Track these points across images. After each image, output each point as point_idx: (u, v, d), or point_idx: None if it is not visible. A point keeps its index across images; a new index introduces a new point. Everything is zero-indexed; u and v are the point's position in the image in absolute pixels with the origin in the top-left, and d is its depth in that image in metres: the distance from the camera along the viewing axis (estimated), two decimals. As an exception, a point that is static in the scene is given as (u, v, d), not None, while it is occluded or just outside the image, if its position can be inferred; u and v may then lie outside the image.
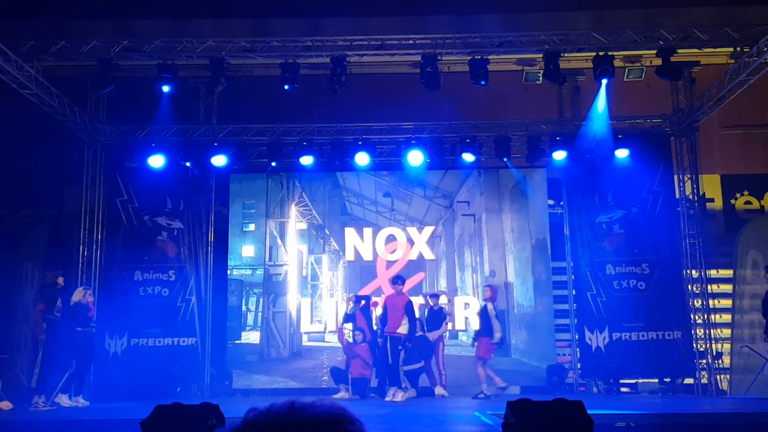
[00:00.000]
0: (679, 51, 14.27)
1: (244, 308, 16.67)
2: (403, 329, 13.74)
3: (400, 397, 13.40)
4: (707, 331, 15.52)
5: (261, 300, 16.62)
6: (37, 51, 14.02)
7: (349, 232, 16.89)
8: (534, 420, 5.12)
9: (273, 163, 16.31)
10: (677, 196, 16.17)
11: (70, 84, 15.52)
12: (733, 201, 17.46)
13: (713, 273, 16.11)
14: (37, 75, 13.94)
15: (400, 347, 13.67)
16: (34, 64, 13.96)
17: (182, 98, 15.92)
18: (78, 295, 13.07)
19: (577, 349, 15.94)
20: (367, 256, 16.75)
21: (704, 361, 15.42)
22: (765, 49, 13.21)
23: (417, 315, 14.65)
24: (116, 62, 14.30)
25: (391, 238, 16.80)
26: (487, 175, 16.91)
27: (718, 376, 15.33)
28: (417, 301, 15.68)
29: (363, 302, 15.04)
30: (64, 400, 12.74)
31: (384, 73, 16.75)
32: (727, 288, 15.89)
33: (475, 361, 14.56)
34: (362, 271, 16.77)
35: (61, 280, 13.36)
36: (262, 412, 1.39)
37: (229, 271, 16.62)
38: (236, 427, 1.38)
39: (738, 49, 14.46)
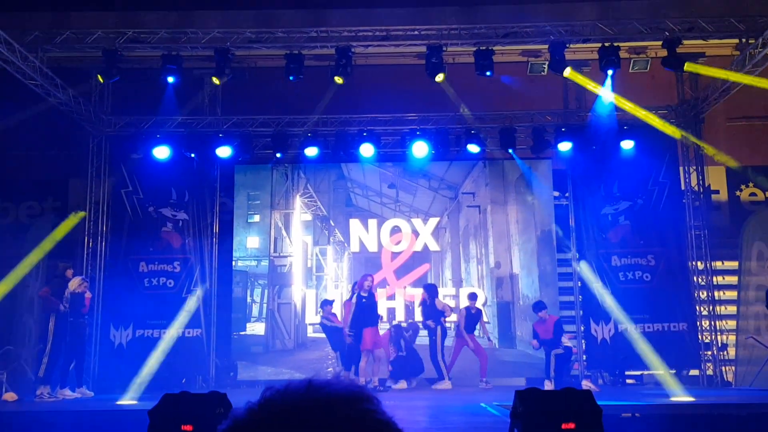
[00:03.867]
0: (685, 42, 14.24)
1: (249, 299, 16.67)
2: None
3: None
4: (712, 323, 15.52)
5: (266, 291, 16.62)
6: (41, 41, 14.01)
7: (354, 224, 16.88)
8: (542, 409, 5.12)
9: (278, 155, 16.27)
10: (683, 188, 16.14)
11: (74, 75, 15.52)
12: (738, 193, 17.43)
13: (718, 265, 16.11)
14: (42, 65, 13.94)
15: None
16: (39, 55, 13.95)
17: (187, 89, 15.90)
18: (74, 285, 13.08)
19: (583, 341, 15.94)
20: (372, 247, 16.74)
21: (709, 352, 15.42)
22: (771, 40, 13.18)
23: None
24: (121, 53, 14.28)
25: (395, 230, 16.78)
26: (492, 166, 16.89)
27: (723, 368, 15.34)
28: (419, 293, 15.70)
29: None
30: (67, 393, 12.76)
31: (389, 65, 16.72)
32: (733, 280, 15.89)
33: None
34: (367, 262, 16.75)
35: (70, 272, 13.36)
36: (279, 390, 1.38)
37: (234, 263, 16.63)
38: (253, 405, 1.37)
39: (743, 40, 14.44)
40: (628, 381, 15.71)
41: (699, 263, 15.79)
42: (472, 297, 15.38)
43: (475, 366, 15.18)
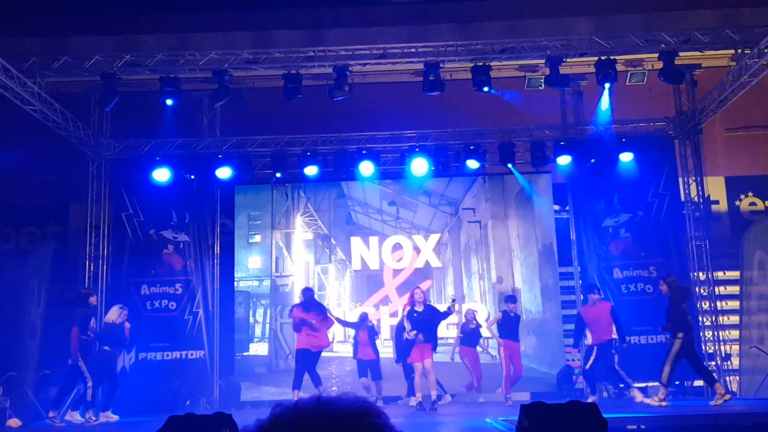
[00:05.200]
0: (681, 54, 14.29)
1: (251, 320, 16.64)
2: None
3: None
4: (715, 333, 15.49)
5: (268, 311, 16.60)
6: (39, 67, 14.03)
7: (355, 242, 16.88)
8: (548, 423, 5.10)
9: (277, 174, 16.29)
10: (682, 199, 16.15)
11: (73, 99, 15.56)
12: (737, 203, 17.45)
13: (720, 275, 16.10)
14: (41, 91, 13.95)
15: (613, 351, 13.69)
16: (37, 80, 13.96)
17: (186, 111, 15.94)
18: (113, 315, 13.19)
19: (586, 353, 15.91)
20: (374, 265, 16.72)
21: (713, 362, 15.38)
22: (766, 50, 13.20)
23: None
24: (119, 77, 14.31)
25: (397, 247, 16.78)
26: (492, 181, 16.91)
27: (727, 378, 15.29)
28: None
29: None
30: (75, 416, 12.76)
31: (386, 82, 16.76)
32: (734, 289, 15.87)
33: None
34: (369, 280, 16.75)
35: (93, 299, 13.31)
36: (289, 407, 1.39)
37: (235, 283, 16.61)
38: (263, 422, 1.38)
39: (739, 51, 14.47)
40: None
41: (701, 274, 15.78)
42: (510, 299, 14.77)
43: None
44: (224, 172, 15.98)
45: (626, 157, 15.85)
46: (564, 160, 15.91)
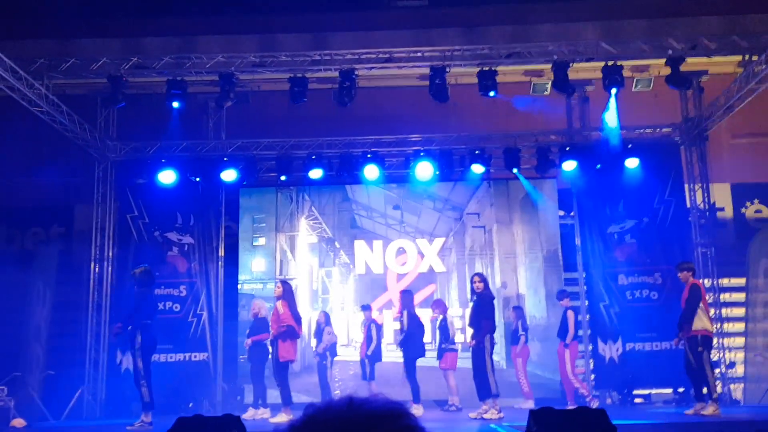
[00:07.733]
0: (688, 60, 14.27)
1: (255, 323, 16.63)
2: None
3: None
4: (720, 341, 15.45)
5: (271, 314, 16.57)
6: (47, 69, 14.07)
7: (359, 245, 16.87)
8: (557, 429, 5.10)
9: (282, 177, 16.29)
10: (688, 206, 16.14)
11: (80, 101, 15.61)
12: (743, 210, 17.40)
13: (725, 282, 16.06)
14: (48, 92, 13.99)
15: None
16: (45, 82, 14.00)
17: (192, 114, 15.98)
18: (264, 310, 14.04)
19: (591, 360, 15.90)
20: (378, 269, 16.71)
21: (718, 370, 15.34)
22: (773, 56, 13.21)
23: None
24: (126, 79, 14.34)
25: (401, 251, 16.77)
26: (497, 186, 16.89)
27: (732, 386, 15.27)
28: (426, 313, 15.73)
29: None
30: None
31: (392, 86, 16.78)
32: (740, 297, 15.85)
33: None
34: (373, 284, 16.74)
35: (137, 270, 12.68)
36: (321, 408, 1.40)
37: (239, 286, 16.59)
38: (296, 422, 1.38)
39: (746, 57, 14.48)
40: (637, 400, 15.64)
41: (706, 281, 15.72)
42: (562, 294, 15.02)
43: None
44: (229, 175, 16.01)
45: (632, 163, 15.82)
46: (569, 165, 15.90)
